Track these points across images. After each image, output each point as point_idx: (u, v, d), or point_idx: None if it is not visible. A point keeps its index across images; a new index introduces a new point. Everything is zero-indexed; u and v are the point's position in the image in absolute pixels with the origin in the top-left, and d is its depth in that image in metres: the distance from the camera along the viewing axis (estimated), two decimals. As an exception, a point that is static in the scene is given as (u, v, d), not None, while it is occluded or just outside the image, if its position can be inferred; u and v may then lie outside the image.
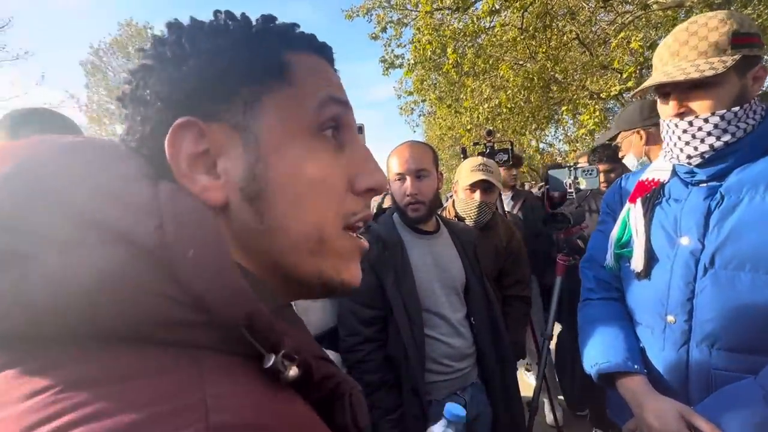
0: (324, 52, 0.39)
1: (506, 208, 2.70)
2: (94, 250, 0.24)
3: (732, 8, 5.28)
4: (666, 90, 0.87)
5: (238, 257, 0.32)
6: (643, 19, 6.23)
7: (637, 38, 5.54)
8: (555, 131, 11.86)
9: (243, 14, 0.36)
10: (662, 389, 0.87)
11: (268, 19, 0.36)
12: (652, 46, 5.20)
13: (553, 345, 2.21)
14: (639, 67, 5.60)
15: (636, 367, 0.90)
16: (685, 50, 0.83)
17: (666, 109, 0.88)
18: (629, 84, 5.88)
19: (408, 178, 1.24)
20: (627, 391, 0.89)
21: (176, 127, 0.31)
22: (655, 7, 5.63)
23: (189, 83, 0.33)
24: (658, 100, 0.91)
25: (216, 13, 0.36)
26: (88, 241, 0.24)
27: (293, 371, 0.27)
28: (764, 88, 0.87)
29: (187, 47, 0.33)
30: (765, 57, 0.97)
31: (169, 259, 0.25)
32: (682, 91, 0.84)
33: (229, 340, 0.26)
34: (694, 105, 0.83)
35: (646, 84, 0.88)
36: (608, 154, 2.08)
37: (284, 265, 0.34)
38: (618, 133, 1.71)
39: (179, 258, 0.25)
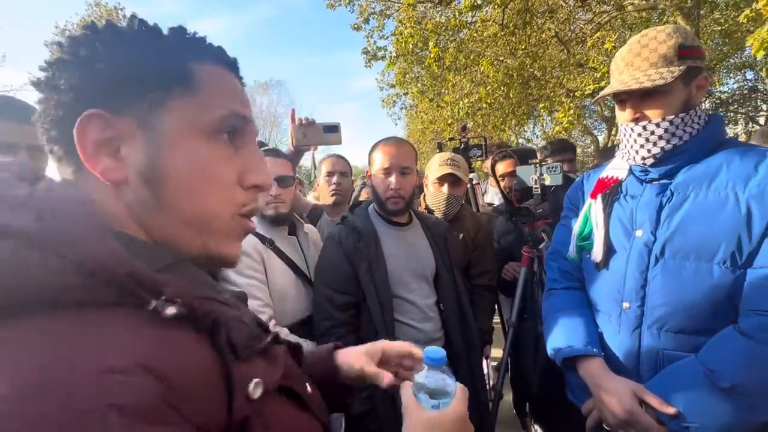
0: (228, 62, 0.46)
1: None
2: None
3: (701, 12, 5.52)
4: (622, 97, 0.95)
5: (132, 227, 0.40)
6: (619, 20, 6.42)
7: (612, 39, 5.71)
8: (533, 127, 12.10)
9: (155, 24, 0.42)
10: (617, 370, 0.95)
11: (178, 31, 0.43)
12: (626, 47, 5.35)
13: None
14: (612, 67, 5.76)
15: (594, 350, 0.97)
16: (638, 61, 0.90)
17: (623, 115, 0.96)
18: (603, 83, 6.07)
19: (393, 174, 1.31)
20: (586, 373, 0.97)
21: (85, 116, 0.37)
22: (630, 8, 5.82)
23: (101, 81, 0.38)
24: (617, 107, 0.99)
25: (131, 19, 0.41)
26: None
27: (171, 310, 0.33)
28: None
29: (100, 50, 0.38)
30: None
31: (52, 240, 0.31)
32: (636, 98, 0.92)
33: (121, 294, 0.32)
34: (648, 111, 0.91)
35: (604, 92, 0.96)
36: None
37: (175, 237, 0.41)
38: None
39: (59, 237, 0.31)
